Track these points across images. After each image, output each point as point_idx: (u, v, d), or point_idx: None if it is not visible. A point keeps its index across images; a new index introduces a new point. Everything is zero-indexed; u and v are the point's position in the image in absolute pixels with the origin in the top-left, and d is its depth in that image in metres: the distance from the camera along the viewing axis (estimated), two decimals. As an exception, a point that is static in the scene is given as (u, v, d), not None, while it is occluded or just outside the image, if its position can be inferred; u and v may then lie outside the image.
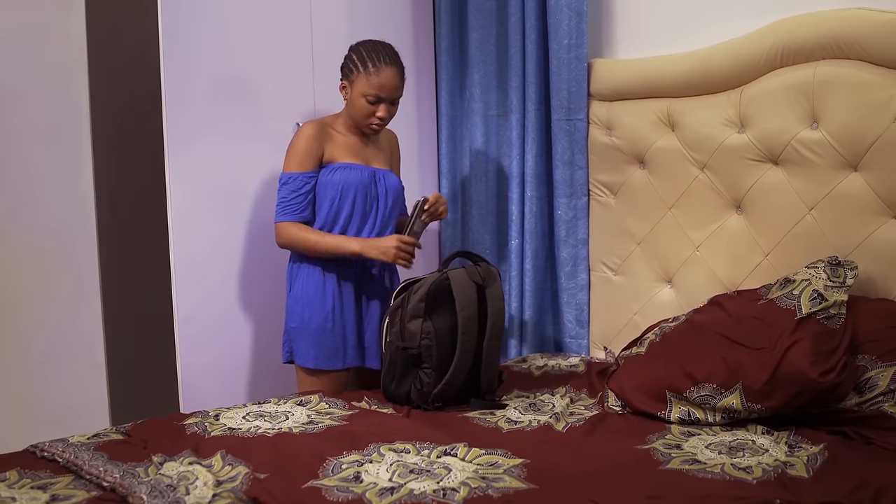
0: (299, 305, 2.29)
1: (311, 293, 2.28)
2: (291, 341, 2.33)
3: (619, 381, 2.14)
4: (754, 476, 1.64)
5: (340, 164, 2.29)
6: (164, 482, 1.59)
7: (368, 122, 2.28)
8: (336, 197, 2.27)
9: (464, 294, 2.14)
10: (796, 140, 2.15)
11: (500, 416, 2.09)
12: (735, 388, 1.92)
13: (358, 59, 2.25)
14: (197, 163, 2.43)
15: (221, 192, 2.49)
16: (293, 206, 2.24)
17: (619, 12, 2.62)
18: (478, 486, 1.54)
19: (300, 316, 2.28)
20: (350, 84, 2.27)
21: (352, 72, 2.26)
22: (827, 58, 2.10)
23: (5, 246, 2.49)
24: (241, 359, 2.57)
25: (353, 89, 2.26)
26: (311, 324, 2.27)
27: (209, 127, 2.45)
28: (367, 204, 2.30)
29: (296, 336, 2.30)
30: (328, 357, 2.29)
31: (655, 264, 2.52)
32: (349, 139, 2.33)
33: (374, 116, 2.26)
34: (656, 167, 2.48)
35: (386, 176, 2.36)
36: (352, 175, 2.28)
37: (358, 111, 2.27)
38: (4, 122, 2.46)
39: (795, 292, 1.98)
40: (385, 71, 2.23)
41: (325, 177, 2.28)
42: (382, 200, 2.33)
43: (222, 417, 2.01)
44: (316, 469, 1.65)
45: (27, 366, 2.54)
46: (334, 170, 2.28)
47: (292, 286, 2.32)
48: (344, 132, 2.33)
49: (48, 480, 1.67)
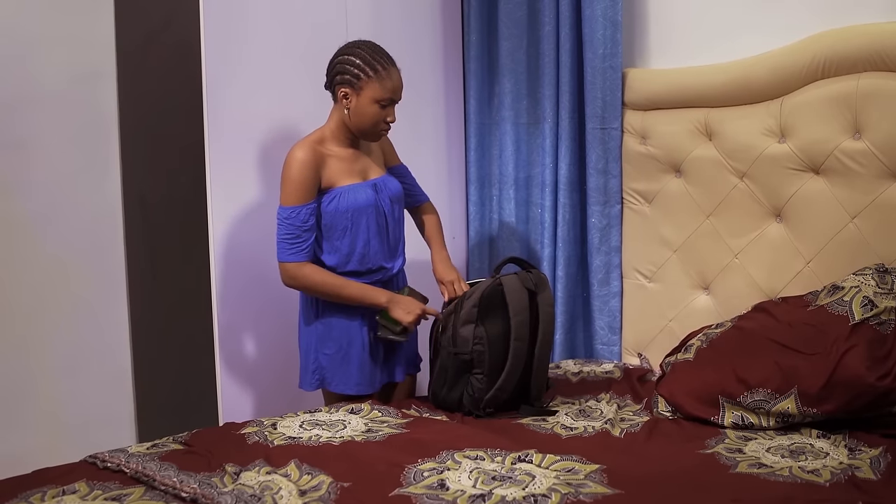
0: (336, 332, 2.22)
1: (346, 319, 2.21)
2: (323, 369, 2.25)
3: (669, 387, 2.16)
4: (825, 479, 1.67)
5: (342, 187, 2.18)
6: (247, 492, 1.57)
7: (380, 128, 2.19)
8: (348, 226, 2.18)
9: (517, 300, 2.14)
10: (839, 150, 2.20)
11: (553, 422, 2.10)
12: (790, 392, 1.96)
13: (363, 63, 2.14)
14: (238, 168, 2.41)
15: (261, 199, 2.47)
16: (299, 244, 2.13)
17: (652, 22, 2.66)
18: (567, 492, 1.56)
19: (337, 343, 2.22)
20: (356, 91, 2.14)
21: (358, 77, 2.14)
22: (870, 70, 2.15)
23: (33, 250, 2.44)
24: (276, 368, 2.55)
25: (360, 96, 2.14)
26: (352, 350, 2.22)
27: (249, 133, 2.44)
28: (378, 222, 2.22)
29: (332, 364, 2.23)
30: (369, 381, 2.26)
31: (692, 271, 2.55)
32: (343, 154, 2.22)
33: (385, 122, 2.18)
34: (694, 176, 2.51)
35: (386, 183, 2.28)
36: (359, 197, 2.19)
37: (368, 118, 2.16)
38: (32, 127, 2.42)
39: (846, 299, 2.03)
40: (393, 72, 2.17)
41: (329, 205, 2.17)
42: (390, 211, 2.26)
43: (279, 426, 1.99)
44: (396, 477, 1.65)
45: (53, 372, 2.49)
46: (338, 195, 2.17)
47: (321, 313, 2.23)
48: (335, 147, 2.22)
49: (120, 492, 1.65)
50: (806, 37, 2.26)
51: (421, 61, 2.85)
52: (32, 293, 2.44)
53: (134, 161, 2.67)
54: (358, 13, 2.66)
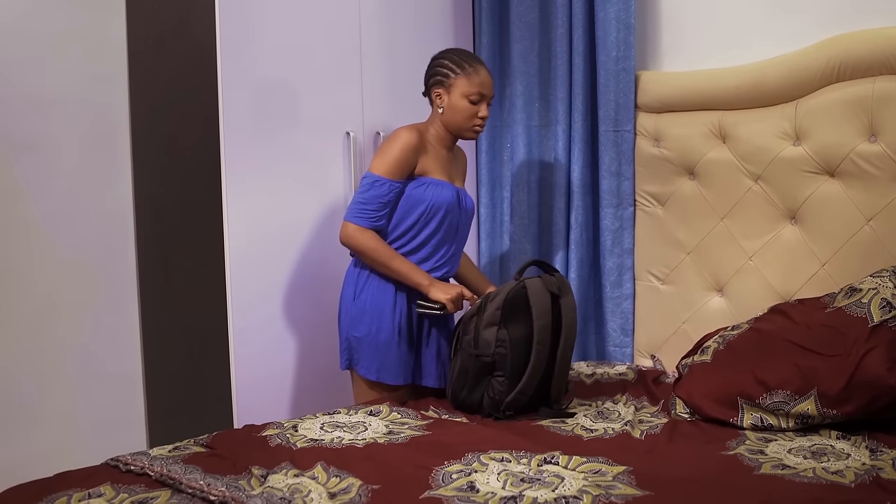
0: (368, 317, 2.26)
1: (382, 306, 2.25)
2: (352, 350, 2.30)
3: (687, 389, 2.17)
4: (849, 480, 1.68)
5: (433, 179, 2.27)
6: (277, 495, 1.57)
7: (472, 123, 2.28)
8: (425, 213, 2.25)
9: (540, 303, 2.15)
10: (854, 153, 2.22)
11: (572, 424, 2.10)
12: (810, 394, 1.97)
13: (452, 63, 2.27)
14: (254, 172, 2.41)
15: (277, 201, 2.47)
16: (371, 213, 2.21)
17: (664, 25, 2.67)
18: (599, 493, 1.56)
19: (367, 327, 2.26)
20: (447, 90, 2.26)
21: (448, 77, 2.26)
22: (886, 73, 2.17)
23: (45, 252, 2.43)
24: (291, 371, 2.54)
25: (451, 94, 2.26)
26: (380, 337, 2.25)
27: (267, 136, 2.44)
28: (451, 225, 2.30)
29: (359, 346, 2.28)
30: (391, 372, 2.27)
31: (706, 273, 2.56)
32: (439, 153, 2.32)
33: (477, 117, 2.27)
34: (707, 178, 2.53)
35: (466, 197, 2.36)
36: (444, 193, 2.27)
37: (461, 114, 2.26)
38: (43, 129, 2.41)
39: (864, 301, 2.04)
40: (481, 69, 2.28)
41: (415, 190, 2.25)
42: (464, 222, 2.34)
43: (300, 428, 1.99)
44: (425, 479, 1.64)
45: (64, 374, 2.48)
46: (426, 184, 2.26)
47: (358, 294, 2.28)
48: (435, 145, 2.32)
49: (146, 495, 1.64)
50: (820, 40, 2.28)
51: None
52: (44, 295, 2.43)
53: (145, 163, 2.66)
54: (370, 15, 2.66)
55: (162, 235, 2.83)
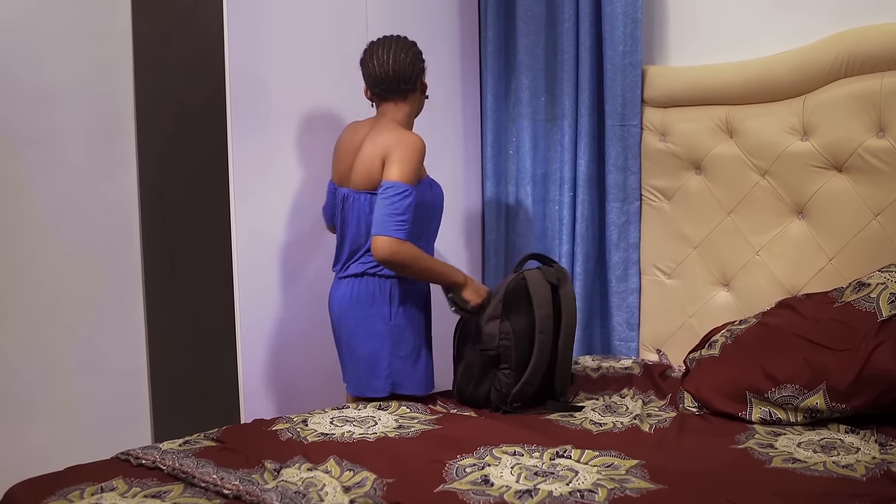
0: (408, 333, 2.19)
1: (414, 314, 2.21)
2: (396, 373, 2.17)
3: (695, 383, 2.18)
4: (860, 474, 1.69)
5: (429, 178, 2.26)
6: (291, 489, 1.57)
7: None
8: (430, 214, 2.22)
9: (541, 293, 2.16)
10: (862, 148, 2.22)
11: (581, 418, 2.11)
12: (819, 388, 1.97)
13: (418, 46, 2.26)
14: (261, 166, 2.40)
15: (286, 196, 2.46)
16: (406, 223, 2.05)
17: (671, 20, 2.67)
18: (614, 487, 1.56)
19: (410, 344, 2.19)
20: (423, 79, 2.28)
21: (423, 69, 2.26)
22: (894, 69, 2.17)
23: (49, 246, 2.42)
24: (298, 365, 2.54)
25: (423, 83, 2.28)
26: (422, 350, 2.22)
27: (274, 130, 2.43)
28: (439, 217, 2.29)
29: (405, 366, 2.18)
30: (432, 381, 2.26)
31: (712, 268, 2.56)
32: None
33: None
34: (714, 173, 2.53)
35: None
36: (439, 192, 2.27)
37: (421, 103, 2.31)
38: (48, 122, 2.40)
39: (873, 295, 2.04)
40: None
41: (426, 194, 2.19)
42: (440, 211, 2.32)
43: (310, 423, 1.98)
44: (438, 473, 1.65)
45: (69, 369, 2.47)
46: (430, 185, 2.24)
47: (393, 316, 2.17)
48: None
49: (159, 489, 1.64)
50: (827, 36, 2.28)
51: (438, 58, 2.83)
52: (48, 289, 2.42)
53: (150, 157, 2.64)
54: (377, 8, 2.65)
55: (167, 229, 2.82)
